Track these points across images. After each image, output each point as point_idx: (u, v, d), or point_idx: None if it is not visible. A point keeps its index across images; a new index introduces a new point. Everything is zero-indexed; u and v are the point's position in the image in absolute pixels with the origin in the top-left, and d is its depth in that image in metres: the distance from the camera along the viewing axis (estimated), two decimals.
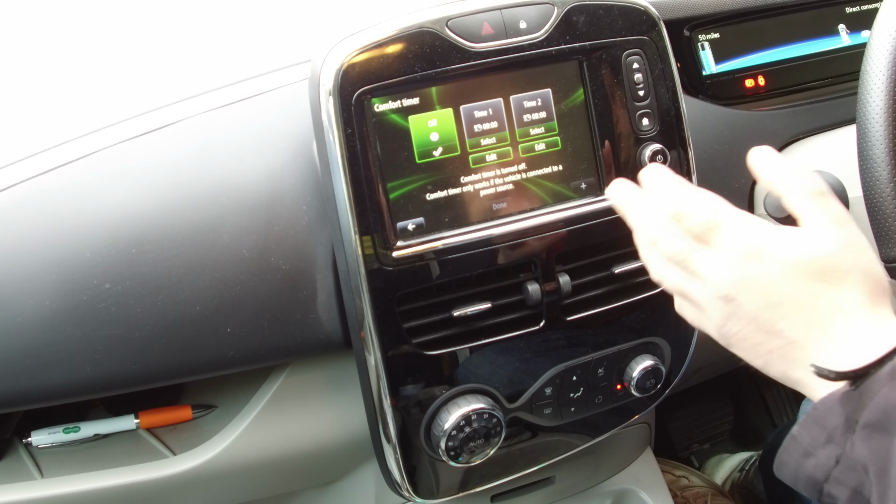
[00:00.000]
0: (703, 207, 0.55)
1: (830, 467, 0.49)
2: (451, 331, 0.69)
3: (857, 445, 0.48)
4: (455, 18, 0.65)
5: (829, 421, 0.49)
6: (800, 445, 0.51)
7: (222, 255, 0.66)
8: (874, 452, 0.47)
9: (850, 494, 0.49)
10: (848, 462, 0.49)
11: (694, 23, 0.91)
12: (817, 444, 0.50)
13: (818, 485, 0.50)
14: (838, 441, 0.49)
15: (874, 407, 0.48)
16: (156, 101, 0.72)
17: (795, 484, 0.52)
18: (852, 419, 0.48)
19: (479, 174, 0.69)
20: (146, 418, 0.77)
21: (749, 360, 0.55)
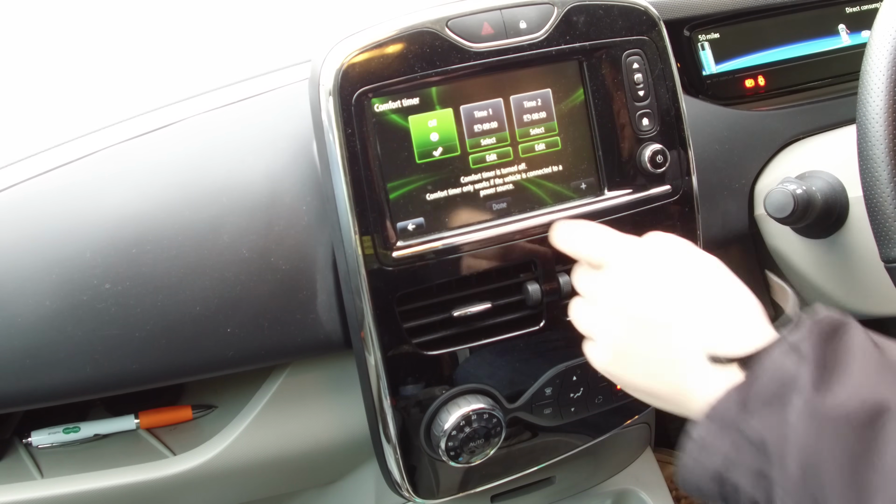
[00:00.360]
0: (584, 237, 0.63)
1: (730, 454, 0.49)
2: (451, 331, 0.69)
3: (753, 424, 0.48)
4: (455, 18, 0.65)
5: (723, 411, 0.50)
6: (698, 444, 0.51)
7: (222, 255, 0.66)
8: (770, 426, 0.47)
9: (752, 477, 0.48)
10: (745, 443, 0.49)
11: (694, 23, 0.91)
12: (715, 437, 0.50)
13: (719, 476, 0.50)
14: (734, 426, 0.49)
15: (767, 381, 0.48)
16: (156, 101, 0.72)
17: (699, 486, 0.52)
18: (746, 399, 0.49)
19: (480, 174, 0.69)
20: (146, 418, 0.77)
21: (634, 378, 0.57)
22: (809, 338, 0.48)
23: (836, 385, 0.46)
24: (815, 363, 0.47)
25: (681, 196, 0.74)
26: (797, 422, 0.46)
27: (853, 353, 0.47)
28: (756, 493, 0.48)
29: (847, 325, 0.49)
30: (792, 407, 0.47)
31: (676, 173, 0.73)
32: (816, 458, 0.45)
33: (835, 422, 0.45)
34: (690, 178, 0.74)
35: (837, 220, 0.82)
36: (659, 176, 0.72)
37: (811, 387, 0.46)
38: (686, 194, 0.74)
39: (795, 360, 0.48)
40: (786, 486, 0.46)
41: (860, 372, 0.46)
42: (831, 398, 0.45)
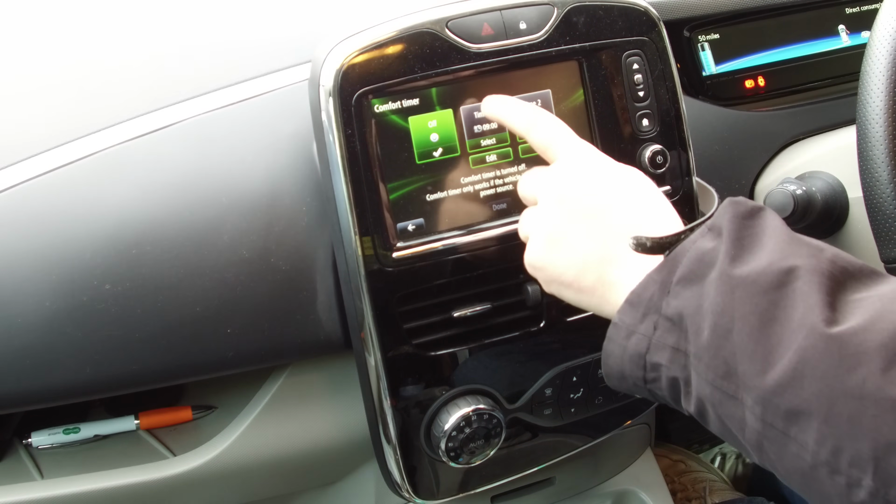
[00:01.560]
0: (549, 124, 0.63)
1: (650, 335, 0.50)
2: (451, 331, 0.69)
3: (671, 303, 0.49)
4: (455, 19, 0.65)
5: (645, 294, 0.51)
6: (621, 330, 0.52)
7: (222, 256, 0.66)
8: (687, 300, 0.48)
9: (670, 354, 0.49)
10: (665, 322, 0.49)
11: (694, 23, 0.91)
12: (636, 322, 0.51)
13: (641, 358, 0.51)
14: (655, 308, 0.50)
15: (687, 261, 0.49)
16: (156, 101, 0.72)
17: (622, 373, 0.53)
18: (667, 282, 0.50)
19: (479, 175, 0.69)
20: (146, 419, 0.77)
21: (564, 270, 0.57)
22: (726, 217, 0.50)
23: (749, 255, 0.47)
24: (731, 239, 0.48)
25: (681, 197, 0.74)
26: (711, 291, 0.47)
27: (767, 231, 0.49)
28: (674, 369, 0.49)
29: (763, 209, 0.51)
30: (708, 280, 0.48)
31: (676, 174, 0.73)
32: (727, 320, 0.46)
33: (746, 285, 0.46)
34: (690, 178, 0.74)
35: (837, 220, 0.82)
36: (659, 176, 0.72)
37: (726, 258, 0.47)
38: (686, 195, 0.74)
39: (713, 239, 0.49)
40: (698, 353, 0.47)
41: (773, 244, 0.48)
42: (745, 267, 0.47)
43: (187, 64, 0.79)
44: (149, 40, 0.82)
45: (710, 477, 1.20)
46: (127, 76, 0.78)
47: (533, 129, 0.63)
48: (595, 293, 0.56)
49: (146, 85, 0.76)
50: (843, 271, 0.46)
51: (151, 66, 0.79)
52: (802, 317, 0.43)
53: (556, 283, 0.58)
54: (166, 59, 0.80)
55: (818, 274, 0.45)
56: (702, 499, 1.17)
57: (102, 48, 0.82)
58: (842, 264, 0.46)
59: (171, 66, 0.79)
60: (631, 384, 0.53)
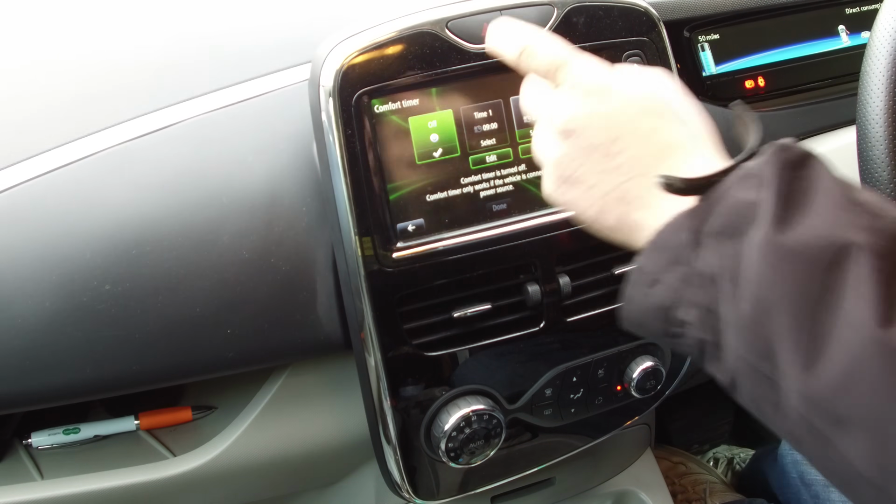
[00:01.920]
0: (549, 46, 0.55)
1: (677, 288, 0.45)
2: (451, 332, 0.69)
3: (704, 257, 0.44)
4: (455, 20, 0.65)
5: (673, 240, 0.46)
6: (645, 275, 0.47)
7: (222, 257, 0.66)
8: (723, 258, 0.43)
9: (700, 314, 0.45)
10: (695, 278, 0.45)
11: (694, 24, 0.91)
12: (661, 269, 0.46)
13: (665, 312, 0.46)
14: (684, 259, 0.45)
15: (723, 210, 0.44)
16: (156, 102, 0.72)
17: (643, 322, 0.48)
18: (698, 231, 0.45)
19: (479, 175, 0.69)
20: (146, 420, 0.77)
21: (584, 211, 0.52)
22: (772, 165, 0.44)
23: (798, 219, 0.42)
24: (777, 193, 0.43)
25: None
26: (754, 256, 0.42)
27: (818, 187, 0.43)
28: (703, 332, 0.45)
29: (813, 158, 0.45)
30: (749, 239, 0.43)
31: None
32: (771, 296, 0.41)
33: (794, 259, 0.41)
34: None
35: None
36: None
37: (772, 218, 0.42)
38: None
39: (755, 188, 0.44)
40: (736, 324, 0.43)
41: (825, 207, 0.42)
42: (793, 234, 0.41)
43: (187, 64, 0.79)
44: (149, 41, 0.82)
45: (710, 479, 1.20)
46: (127, 76, 0.78)
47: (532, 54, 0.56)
48: (621, 231, 0.50)
49: (146, 85, 0.76)
50: None
51: (151, 66, 0.79)
52: (854, 310, 0.39)
53: (580, 219, 0.53)
54: (166, 59, 0.80)
55: (875, 256, 0.40)
56: (702, 500, 1.17)
57: (102, 48, 0.82)
58: None
59: (171, 66, 0.79)
60: (651, 333, 0.49)
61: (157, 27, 0.85)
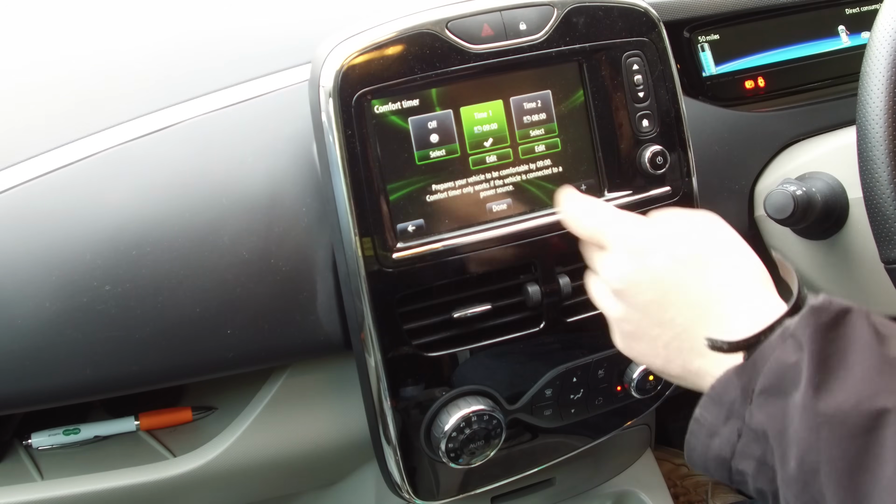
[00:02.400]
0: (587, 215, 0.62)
1: (734, 442, 0.49)
2: (451, 332, 0.69)
3: (755, 414, 0.48)
4: (455, 20, 0.65)
5: (727, 396, 0.49)
6: (703, 427, 0.51)
7: (222, 257, 0.66)
8: (771, 417, 0.47)
9: (756, 466, 0.48)
10: (749, 433, 0.48)
11: (694, 24, 0.91)
12: (719, 423, 0.50)
13: (726, 463, 0.50)
14: (738, 414, 0.49)
15: (768, 372, 0.47)
16: (156, 102, 0.72)
17: (706, 468, 0.52)
18: (748, 389, 0.48)
19: (480, 176, 0.69)
20: (146, 420, 0.77)
21: (652, 362, 0.57)
22: (808, 327, 0.47)
23: (834, 384, 0.45)
24: (814, 357, 0.46)
25: (681, 197, 0.74)
26: (796, 418, 0.45)
27: (854, 349, 0.46)
28: (761, 481, 0.48)
29: (848, 314, 0.47)
30: (791, 401, 0.46)
31: (676, 174, 0.73)
32: (814, 459, 0.44)
33: (833, 424, 0.44)
34: (690, 179, 0.74)
35: (837, 221, 0.82)
36: (659, 177, 0.72)
37: (809, 384, 0.45)
38: (686, 196, 0.74)
39: (795, 351, 0.47)
40: (786, 480, 0.46)
41: (860, 371, 0.45)
42: (830, 398, 0.44)
43: (187, 65, 0.79)
44: (149, 41, 0.82)
45: (712, 480, 1.20)
46: (127, 77, 0.78)
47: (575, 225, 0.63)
48: (687, 379, 0.55)
49: (146, 86, 0.76)
50: None
51: (151, 67, 0.79)
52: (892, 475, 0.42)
53: (647, 366, 0.59)
54: (166, 60, 0.80)
55: None
56: (704, 502, 1.17)
57: (102, 49, 0.82)
58: None
59: (170, 67, 0.79)
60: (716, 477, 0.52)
61: (157, 28, 0.85)
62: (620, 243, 0.58)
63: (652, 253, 0.56)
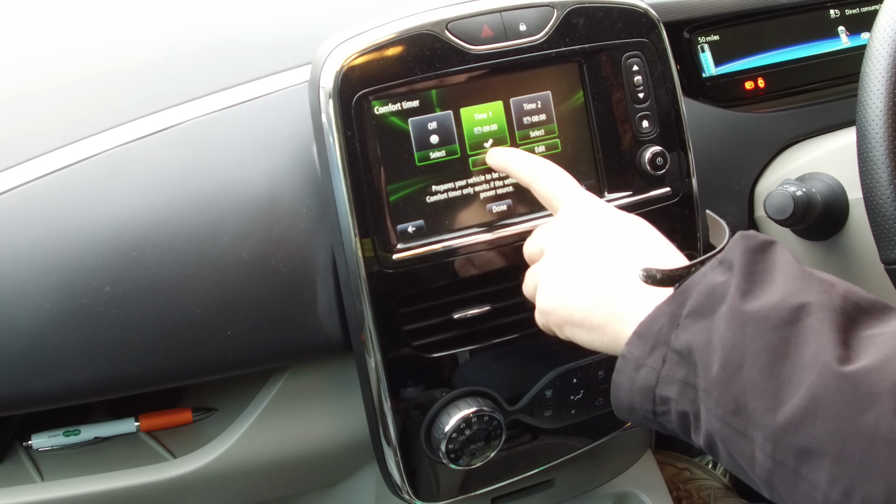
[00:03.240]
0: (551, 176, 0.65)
1: (659, 368, 0.50)
2: (451, 333, 0.69)
3: (680, 336, 0.49)
4: (455, 21, 0.65)
5: (654, 327, 0.50)
6: (630, 362, 0.51)
7: (222, 258, 0.66)
8: (696, 333, 0.48)
9: (679, 388, 0.49)
10: (673, 356, 0.49)
11: (694, 25, 0.91)
12: (644, 354, 0.50)
13: (650, 392, 0.50)
14: (664, 341, 0.49)
15: (696, 294, 0.49)
16: (156, 104, 0.72)
17: (631, 406, 0.52)
18: (676, 314, 0.49)
19: (480, 176, 0.69)
20: (146, 421, 0.77)
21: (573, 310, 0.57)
22: (737, 251, 0.49)
23: (760, 290, 0.47)
24: (742, 273, 0.48)
25: (681, 198, 0.74)
26: (721, 325, 0.46)
27: (778, 266, 0.48)
28: (683, 403, 0.49)
29: (773, 243, 0.50)
30: (718, 314, 0.47)
31: (676, 175, 0.73)
32: (737, 356, 0.45)
33: (756, 320, 0.45)
34: (690, 180, 0.74)
35: (837, 222, 0.82)
36: (659, 178, 0.72)
37: (737, 293, 0.47)
38: (686, 196, 0.74)
39: (724, 273, 0.49)
40: (708, 388, 0.46)
41: (784, 279, 0.47)
42: (755, 301, 0.46)
43: (187, 66, 0.79)
44: (148, 43, 0.82)
45: (714, 484, 1.20)
46: (126, 78, 0.78)
47: (537, 179, 0.64)
48: (606, 330, 0.55)
49: (146, 87, 0.76)
50: (856, 307, 0.46)
51: (151, 68, 0.79)
52: (814, 355, 0.43)
53: (568, 323, 0.58)
54: (166, 61, 0.80)
55: (830, 310, 0.45)
56: None
57: (103, 50, 0.82)
58: (854, 300, 0.46)
59: (170, 68, 0.79)
60: (640, 417, 0.52)
61: (157, 29, 0.85)
62: (577, 204, 0.61)
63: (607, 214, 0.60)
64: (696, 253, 0.62)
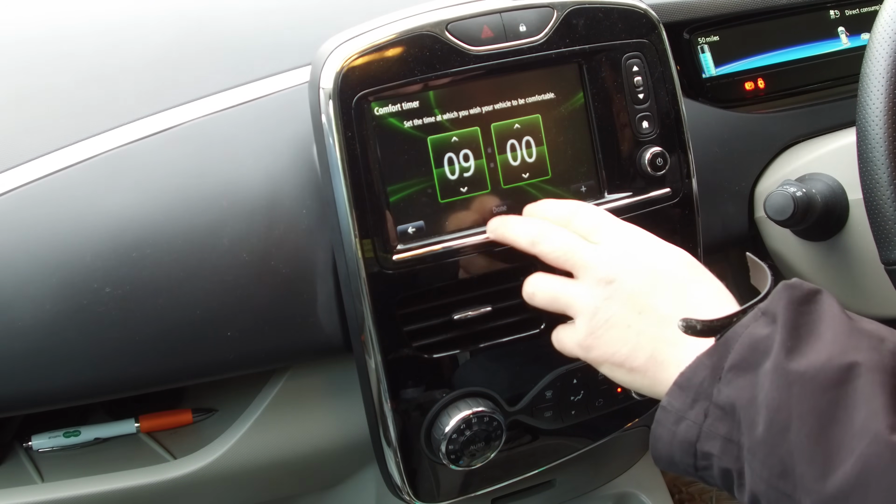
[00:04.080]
0: (591, 210, 0.63)
1: (701, 423, 0.48)
2: (451, 334, 0.69)
3: (723, 391, 0.47)
4: (455, 22, 0.65)
5: (695, 379, 0.49)
6: (670, 414, 0.50)
7: (222, 259, 0.66)
8: (740, 389, 0.47)
9: (722, 445, 0.48)
10: (716, 411, 0.48)
11: (694, 25, 0.91)
12: (685, 407, 0.49)
13: (692, 447, 0.49)
14: (706, 395, 0.48)
15: (739, 347, 0.48)
16: (156, 105, 0.72)
17: (671, 458, 0.51)
18: (718, 367, 0.48)
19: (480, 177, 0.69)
20: (147, 422, 0.77)
21: (616, 352, 0.56)
22: (781, 303, 0.48)
23: (806, 347, 0.45)
24: (787, 327, 0.46)
25: (681, 199, 0.74)
26: (766, 383, 0.45)
27: (825, 320, 0.47)
28: (726, 460, 0.48)
29: (819, 293, 0.49)
30: (762, 370, 0.46)
31: (676, 176, 0.73)
32: (784, 417, 0.44)
33: (804, 381, 0.44)
34: (690, 180, 0.74)
35: (837, 222, 0.82)
36: (659, 179, 0.72)
37: (782, 349, 0.45)
38: (686, 197, 0.74)
39: (767, 325, 0.47)
40: (753, 448, 0.45)
41: (831, 336, 0.46)
42: (801, 359, 0.45)
43: (187, 67, 0.79)
44: (149, 44, 0.82)
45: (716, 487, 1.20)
46: (127, 79, 0.78)
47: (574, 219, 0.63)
48: (647, 373, 0.55)
49: (146, 88, 0.76)
50: None
51: (151, 69, 0.79)
52: (865, 421, 0.42)
53: (609, 363, 0.57)
54: (166, 62, 0.80)
55: (880, 371, 0.43)
56: None
57: (103, 51, 0.82)
58: None
59: (170, 69, 0.79)
60: (681, 469, 0.51)
61: (157, 30, 0.85)
62: (618, 236, 0.60)
63: (646, 248, 0.59)
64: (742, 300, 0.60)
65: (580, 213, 0.63)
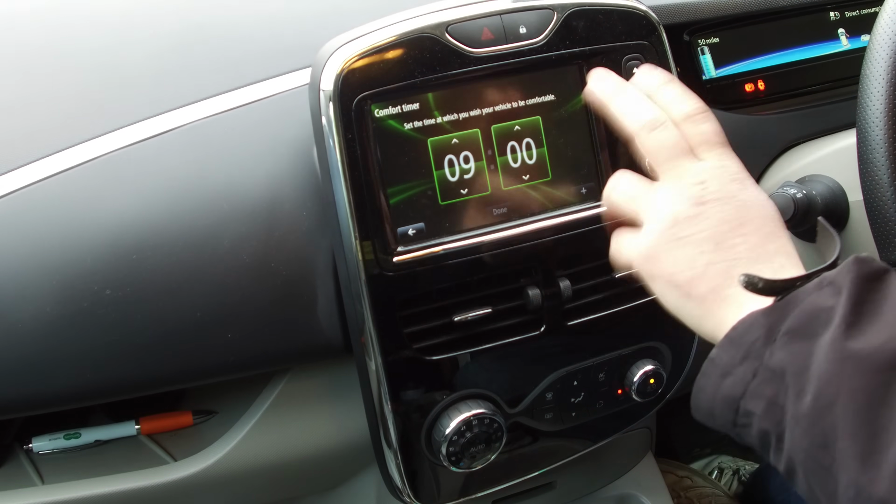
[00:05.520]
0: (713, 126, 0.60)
1: (748, 381, 0.48)
2: (451, 336, 0.69)
3: (776, 354, 0.47)
4: (455, 24, 0.65)
5: (748, 336, 0.48)
6: (717, 367, 0.50)
7: (223, 261, 0.66)
8: (794, 355, 0.46)
9: (766, 406, 0.47)
10: (765, 372, 0.47)
11: (694, 27, 0.91)
12: (735, 362, 0.49)
13: (735, 402, 0.48)
14: (757, 354, 0.48)
15: (799, 313, 0.47)
16: (156, 106, 0.72)
17: (711, 411, 0.50)
18: (774, 329, 0.47)
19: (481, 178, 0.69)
20: (147, 424, 0.77)
21: (679, 271, 0.54)
22: (849, 276, 0.47)
23: (867, 326, 0.45)
24: (851, 302, 0.45)
25: None
26: (821, 354, 0.44)
27: (890, 300, 0.46)
28: (767, 422, 0.47)
29: (889, 273, 0.48)
30: (820, 340, 0.45)
31: None
32: (833, 392, 0.43)
33: (859, 360, 0.43)
34: None
35: (837, 223, 0.82)
36: None
37: (843, 323, 0.45)
38: None
39: (832, 296, 0.47)
40: (797, 416, 0.45)
41: (893, 318, 0.45)
42: (861, 338, 0.44)
43: (187, 69, 0.79)
44: (149, 45, 0.83)
45: (715, 492, 1.21)
46: (126, 81, 0.78)
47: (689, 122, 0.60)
48: (704, 303, 0.53)
49: (146, 90, 0.76)
50: None
51: (151, 71, 0.79)
52: None
53: (665, 280, 0.55)
54: (166, 64, 0.80)
55: None
56: None
57: (102, 53, 0.82)
58: None
59: (170, 71, 0.79)
60: (719, 423, 0.51)
61: (157, 32, 0.85)
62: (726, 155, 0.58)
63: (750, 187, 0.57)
64: None
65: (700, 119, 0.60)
